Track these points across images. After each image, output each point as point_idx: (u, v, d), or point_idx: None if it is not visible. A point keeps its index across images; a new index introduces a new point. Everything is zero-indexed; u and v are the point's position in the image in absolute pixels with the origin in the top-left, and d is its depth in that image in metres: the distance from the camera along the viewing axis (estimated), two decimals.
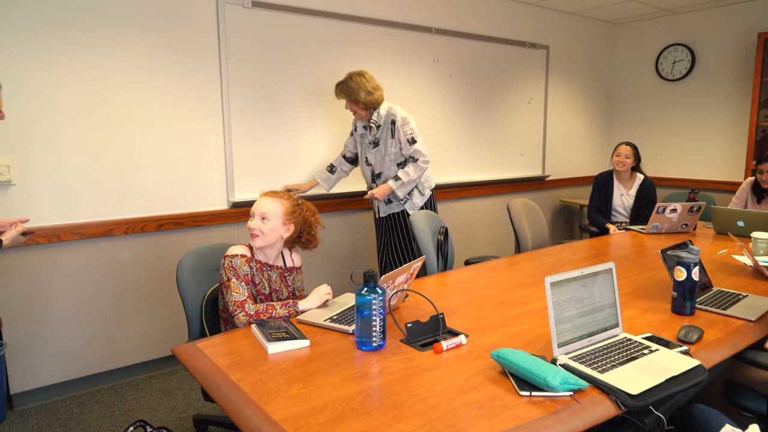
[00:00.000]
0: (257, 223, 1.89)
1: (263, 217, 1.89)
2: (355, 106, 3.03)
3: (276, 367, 1.46)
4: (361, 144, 3.21)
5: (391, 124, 3.07)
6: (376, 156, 3.13)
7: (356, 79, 2.98)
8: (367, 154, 3.17)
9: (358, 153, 3.25)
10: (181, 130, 3.01)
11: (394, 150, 3.10)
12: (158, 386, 2.92)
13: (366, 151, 3.18)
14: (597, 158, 5.57)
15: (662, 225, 3.31)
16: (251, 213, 1.92)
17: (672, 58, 5.04)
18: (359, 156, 3.26)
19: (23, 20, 2.52)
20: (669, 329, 1.72)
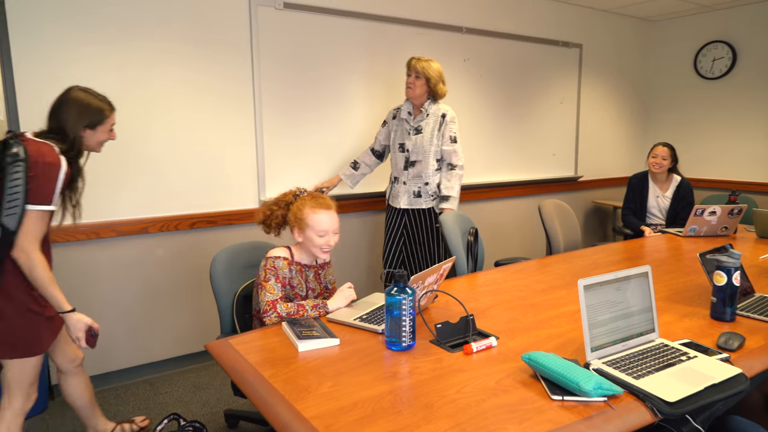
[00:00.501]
0: (333, 240, 1.91)
1: (335, 233, 1.92)
2: (420, 81, 3.00)
3: (306, 365, 1.47)
4: (397, 131, 3.15)
5: (441, 117, 3.07)
6: (415, 143, 3.07)
7: (435, 62, 3.05)
8: (405, 140, 3.10)
9: (391, 141, 3.19)
10: (215, 130, 3.07)
11: (437, 143, 3.08)
12: (191, 381, 2.98)
13: (403, 137, 3.11)
14: (631, 159, 5.44)
15: (700, 228, 3.21)
16: (323, 232, 1.88)
17: (712, 55, 4.89)
18: (392, 144, 3.18)
19: (57, 22, 2.61)
20: (708, 336, 1.67)
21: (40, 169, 1.72)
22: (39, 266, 1.74)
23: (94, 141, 1.94)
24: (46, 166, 1.74)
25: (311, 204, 1.91)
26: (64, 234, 2.69)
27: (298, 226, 1.91)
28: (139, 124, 2.84)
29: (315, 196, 1.96)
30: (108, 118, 1.94)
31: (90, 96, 1.91)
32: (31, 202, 1.71)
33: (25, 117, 2.57)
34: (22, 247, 1.71)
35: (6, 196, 1.68)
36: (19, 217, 1.69)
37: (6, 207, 1.68)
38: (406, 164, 3.11)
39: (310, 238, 1.90)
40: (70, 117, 1.86)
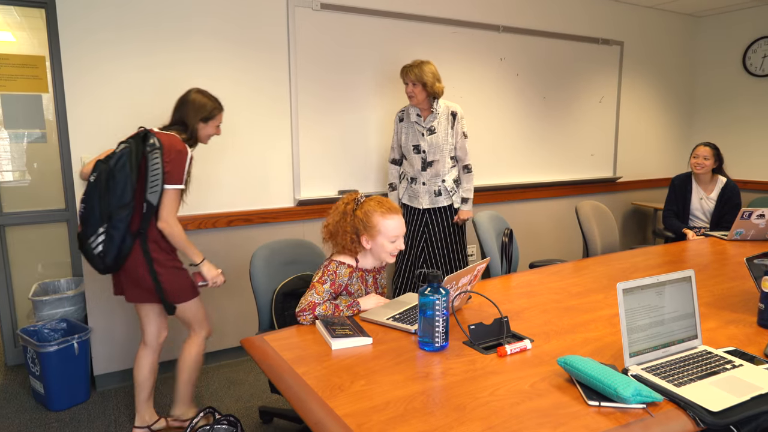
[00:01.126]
0: (402, 244, 1.91)
1: (403, 237, 1.92)
2: (418, 88, 3.01)
3: (339, 363, 1.48)
4: (408, 133, 3.15)
5: (452, 115, 3.12)
6: (430, 143, 3.10)
7: (426, 63, 3.02)
8: (420, 141, 3.12)
9: (404, 144, 3.18)
10: (252, 130, 3.12)
11: (452, 141, 3.14)
12: (226, 376, 3.04)
13: (417, 139, 3.13)
14: (674, 159, 5.27)
15: (747, 231, 3.09)
16: (395, 237, 1.88)
17: (762, 51, 4.68)
18: (405, 147, 3.18)
19: (105, 26, 2.70)
20: (755, 344, 1.60)
21: (173, 156, 2.12)
22: (179, 233, 2.17)
23: (205, 134, 2.32)
24: (177, 153, 2.13)
25: (380, 210, 1.88)
26: None
27: (368, 234, 1.88)
28: None
29: (381, 201, 1.92)
30: (217, 115, 2.34)
31: (205, 96, 2.31)
32: (167, 182, 2.11)
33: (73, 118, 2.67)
34: (165, 219, 2.12)
35: (149, 178, 2.08)
36: (159, 195, 2.10)
37: (150, 187, 2.08)
38: (424, 165, 3.14)
39: (382, 244, 1.88)
40: (191, 110, 2.25)
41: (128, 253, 2.11)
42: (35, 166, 3.22)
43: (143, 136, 2.13)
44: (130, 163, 2.06)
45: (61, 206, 3.24)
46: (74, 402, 2.71)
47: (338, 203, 1.97)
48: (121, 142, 2.15)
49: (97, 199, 2.05)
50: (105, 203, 2.05)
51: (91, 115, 2.71)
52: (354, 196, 1.96)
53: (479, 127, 3.98)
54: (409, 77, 3.00)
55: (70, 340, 2.65)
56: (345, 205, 1.93)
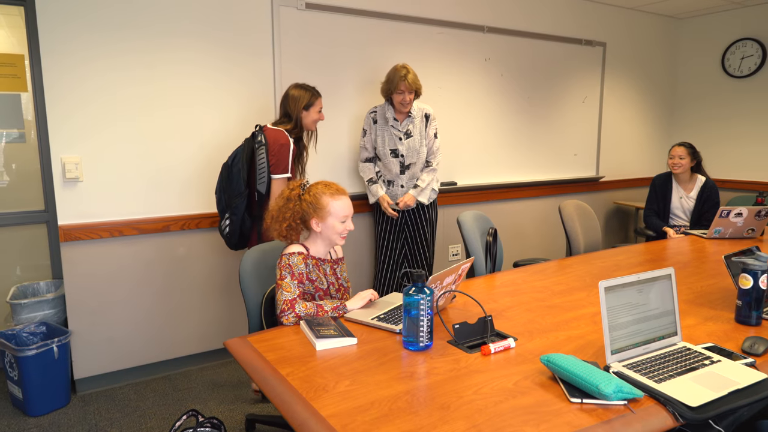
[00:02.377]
0: (351, 225, 1.94)
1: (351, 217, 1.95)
2: (412, 95, 3.05)
3: (324, 363, 1.48)
4: (384, 137, 3.14)
5: (425, 117, 3.16)
6: (408, 147, 3.13)
7: (411, 69, 3.05)
8: (398, 145, 3.13)
9: (380, 148, 3.17)
10: (235, 129, 3.10)
11: (425, 142, 3.19)
12: (210, 378, 3.02)
13: (395, 143, 3.13)
14: (655, 159, 5.35)
15: (726, 230, 3.14)
16: (345, 217, 1.91)
17: (740, 53, 4.77)
18: (381, 151, 3.17)
19: (86, 25, 2.66)
20: (732, 340, 1.63)
21: (277, 149, 2.52)
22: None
23: (309, 120, 2.66)
24: (281, 147, 2.52)
25: (329, 191, 1.92)
26: (89, 232, 2.74)
27: (318, 216, 1.90)
28: (160, 123, 2.89)
29: (328, 183, 1.96)
30: (316, 101, 2.65)
31: (302, 87, 2.66)
32: (274, 172, 2.52)
33: (53, 117, 2.63)
34: None
35: (258, 171, 2.50)
36: (267, 185, 2.51)
37: (258, 178, 2.50)
38: (402, 168, 3.17)
39: (332, 225, 1.91)
40: (291, 103, 2.62)
41: (249, 232, 2.59)
42: (14, 166, 3.16)
43: (253, 134, 2.55)
44: (243, 158, 2.52)
45: (40, 207, 3.18)
46: (54, 407, 2.66)
47: (284, 189, 1.98)
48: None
49: (222, 192, 2.58)
50: (227, 194, 2.56)
51: (71, 114, 2.67)
52: (300, 182, 1.97)
53: (464, 128, 3.99)
54: (407, 86, 3.00)
55: (49, 344, 2.60)
56: (290, 191, 1.95)
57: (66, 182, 2.70)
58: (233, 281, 3.18)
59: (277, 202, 1.97)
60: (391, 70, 3.07)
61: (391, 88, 3.05)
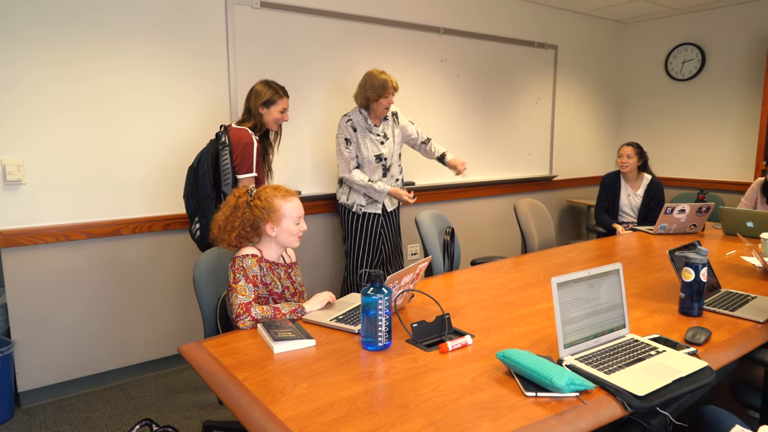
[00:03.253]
0: (305, 225, 1.93)
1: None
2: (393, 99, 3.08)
3: (281, 366, 1.46)
4: (367, 144, 3.09)
5: (394, 116, 3.20)
6: (389, 149, 3.16)
7: None
8: (381, 150, 3.11)
9: (364, 156, 3.09)
10: (188, 130, 3.02)
11: (398, 141, 3.23)
12: (164, 385, 2.93)
13: (378, 148, 3.11)
14: (605, 158, 5.54)
15: (670, 226, 3.29)
16: (298, 219, 1.91)
17: (682, 57, 5.01)
18: (365, 158, 3.09)
19: (25, 20, 2.54)
20: (676, 330, 1.71)
21: (240, 149, 2.48)
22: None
23: (270, 118, 2.61)
24: (244, 146, 2.49)
25: (280, 194, 1.90)
26: (33, 237, 2.62)
27: (273, 220, 1.87)
28: (108, 125, 2.79)
29: (277, 187, 1.93)
30: (280, 99, 2.59)
31: (267, 84, 2.60)
32: (239, 172, 2.49)
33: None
34: None
35: (222, 172, 2.48)
36: (233, 186, 2.47)
37: (224, 180, 2.48)
38: (384, 171, 3.18)
39: (287, 227, 1.88)
40: (252, 98, 2.58)
41: None
42: None
43: (217, 135, 2.52)
44: (207, 160, 2.49)
45: None
46: None
47: (229, 197, 1.92)
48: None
49: (189, 195, 2.54)
50: (194, 197, 2.52)
51: (8, 114, 2.54)
52: (245, 188, 1.93)
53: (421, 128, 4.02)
54: (394, 89, 3.02)
55: None
56: (237, 198, 1.89)
57: (7, 185, 2.57)
58: (188, 285, 3.10)
59: (223, 211, 1.90)
60: (371, 77, 2.99)
61: (379, 94, 2.97)
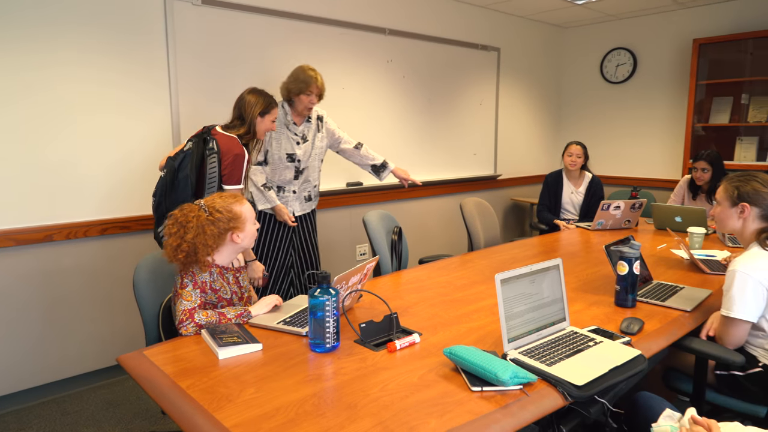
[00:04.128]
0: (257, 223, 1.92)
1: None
2: (317, 99, 2.92)
3: (227, 372, 1.43)
4: (281, 140, 2.92)
5: (319, 120, 3.04)
6: (305, 152, 2.99)
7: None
8: (295, 150, 2.96)
9: (275, 152, 2.92)
10: (127, 131, 2.90)
11: (321, 145, 3.05)
12: (104, 397, 2.80)
13: (292, 147, 2.95)
14: (546, 158, 5.74)
15: (607, 222, 3.44)
16: (255, 219, 1.89)
17: (616, 61, 5.25)
18: (276, 155, 2.93)
19: None
20: (613, 321, 1.79)
21: (231, 159, 2.32)
22: None
23: (263, 127, 2.52)
24: (235, 157, 2.34)
25: (233, 200, 1.85)
26: None
27: (238, 227, 1.81)
28: (41, 126, 2.64)
29: (223, 195, 1.88)
30: (273, 109, 2.53)
31: (260, 93, 2.52)
32: (226, 183, 2.32)
33: None
34: None
35: (208, 179, 2.28)
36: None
37: (208, 186, 2.28)
38: (297, 173, 2.99)
39: (251, 231, 1.86)
40: (247, 107, 2.46)
41: None
42: None
43: (204, 138, 2.33)
44: (191, 164, 2.28)
45: None
46: None
47: (181, 220, 1.76)
48: (189, 139, 2.36)
49: (163, 195, 2.31)
50: (170, 199, 2.29)
51: None
52: (194, 206, 1.80)
53: (368, 128, 4.04)
54: (317, 89, 2.86)
55: None
56: (196, 218, 1.77)
57: None
58: (128, 292, 2.98)
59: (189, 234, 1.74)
60: (299, 70, 2.87)
61: (301, 89, 2.84)
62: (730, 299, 1.75)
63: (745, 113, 4.44)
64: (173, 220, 1.78)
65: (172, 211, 1.81)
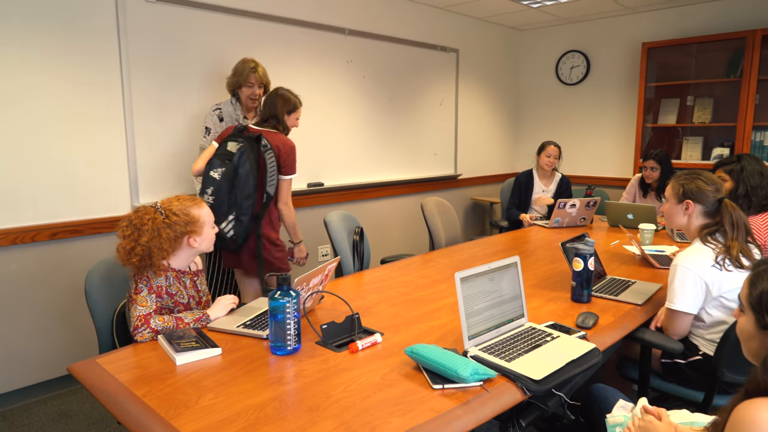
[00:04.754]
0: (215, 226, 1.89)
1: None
2: (262, 90, 2.88)
3: (185, 378, 1.39)
4: None
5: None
6: None
7: (261, 63, 2.89)
8: None
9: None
10: (77, 132, 2.79)
11: None
12: (55, 408, 2.69)
13: None
14: (505, 157, 5.85)
15: (563, 219, 3.54)
16: (213, 223, 1.86)
17: (570, 63, 5.40)
18: None
19: None
20: (569, 317, 1.84)
21: (286, 151, 2.57)
22: (293, 212, 2.69)
23: (289, 125, 2.68)
24: (289, 149, 2.59)
25: (192, 203, 1.81)
26: None
27: (196, 231, 1.78)
28: None
29: (181, 197, 1.84)
30: (298, 109, 2.69)
31: (288, 92, 2.67)
32: (283, 173, 2.58)
33: None
34: (284, 201, 2.63)
35: (268, 174, 2.51)
36: (276, 186, 2.57)
37: (268, 181, 2.52)
38: None
39: (208, 234, 1.83)
40: (281, 105, 2.62)
41: (250, 233, 2.53)
42: None
43: (256, 138, 2.50)
44: (250, 161, 2.44)
45: None
46: None
47: (136, 222, 1.72)
48: (228, 139, 2.48)
49: (225, 193, 2.43)
50: (233, 195, 2.44)
51: None
52: (150, 208, 1.76)
53: (328, 128, 4.02)
54: (257, 78, 2.83)
55: None
56: (151, 221, 1.71)
57: None
58: (79, 298, 2.87)
59: (143, 236, 1.69)
60: (239, 62, 2.87)
61: (240, 81, 2.84)
62: (673, 292, 1.83)
63: (690, 114, 4.65)
64: (127, 222, 1.73)
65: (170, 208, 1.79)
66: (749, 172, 2.44)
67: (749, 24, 4.29)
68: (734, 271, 1.79)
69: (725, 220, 1.86)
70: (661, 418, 1.29)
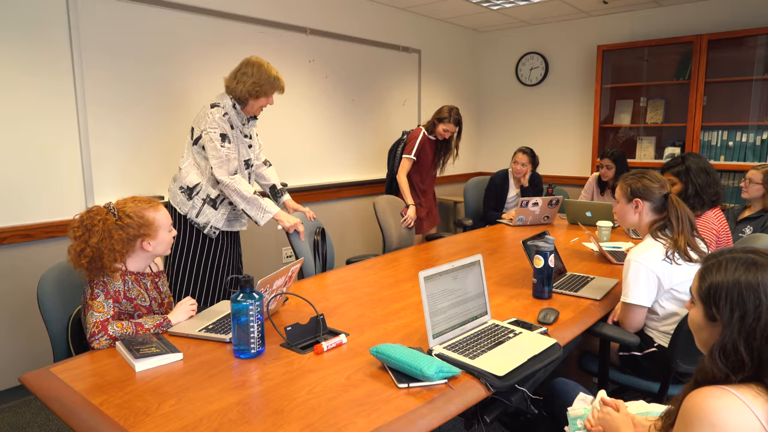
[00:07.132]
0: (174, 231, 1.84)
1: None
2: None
3: (145, 385, 1.36)
4: (239, 145, 2.59)
5: (254, 118, 2.70)
6: (251, 154, 2.71)
7: None
8: (249, 154, 2.68)
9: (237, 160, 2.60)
10: (25, 132, 2.68)
11: (258, 141, 2.81)
12: (7, 421, 2.57)
13: (247, 152, 2.67)
14: (468, 157, 5.92)
15: (527, 218, 3.61)
16: (170, 226, 1.80)
17: (529, 65, 5.51)
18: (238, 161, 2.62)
19: None
20: (531, 313, 1.88)
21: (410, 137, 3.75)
22: (406, 182, 3.71)
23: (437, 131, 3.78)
24: (411, 136, 3.76)
25: (147, 205, 1.75)
26: None
27: (150, 235, 1.72)
28: None
29: (137, 198, 1.77)
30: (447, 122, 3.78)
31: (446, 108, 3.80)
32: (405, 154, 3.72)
33: None
34: (401, 174, 3.70)
35: (397, 157, 3.78)
36: (398, 164, 3.73)
37: (396, 163, 3.75)
38: (249, 180, 2.71)
39: (164, 238, 1.77)
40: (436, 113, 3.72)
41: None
42: None
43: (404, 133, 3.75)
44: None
45: None
46: None
47: (87, 223, 1.66)
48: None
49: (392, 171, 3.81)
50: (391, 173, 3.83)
51: None
52: (102, 209, 1.70)
53: (290, 129, 3.98)
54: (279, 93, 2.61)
55: None
56: (102, 221, 1.65)
57: None
58: (31, 305, 2.75)
59: (93, 238, 1.62)
60: (263, 71, 2.53)
61: (262, 92, 2.51)
62: (627, 287, 1.90)
63: (644, 115, 4.82)
64: (78, 222, 1.67)
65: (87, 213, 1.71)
66: (695, 171, 2.54)
67: (696, 29, 4.47)
68: (683, 265, 1.87)
69: (671, 214, 1.94)
70: (619, 409, 1.33)
